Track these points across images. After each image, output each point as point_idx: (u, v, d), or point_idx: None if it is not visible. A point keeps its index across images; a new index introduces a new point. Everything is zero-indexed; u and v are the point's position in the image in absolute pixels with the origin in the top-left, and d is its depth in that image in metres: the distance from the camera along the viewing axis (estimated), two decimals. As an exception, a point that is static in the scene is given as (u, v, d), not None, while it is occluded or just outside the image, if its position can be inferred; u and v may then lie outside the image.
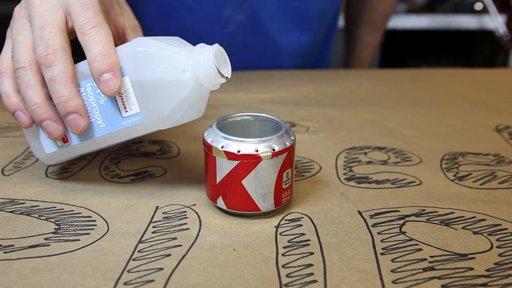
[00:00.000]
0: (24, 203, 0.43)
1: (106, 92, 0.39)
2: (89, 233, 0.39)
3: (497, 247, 0.38)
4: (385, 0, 0.96)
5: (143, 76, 0.39)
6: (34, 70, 0.40)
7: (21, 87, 0.40)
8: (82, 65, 0.41)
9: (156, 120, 0.40)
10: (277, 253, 0.37)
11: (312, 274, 0.34)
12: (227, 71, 0.40)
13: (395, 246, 0.38)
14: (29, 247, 0.37)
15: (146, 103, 0.39)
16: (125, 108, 0.40)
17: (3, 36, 0.46)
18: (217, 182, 0.40)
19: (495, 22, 1.84)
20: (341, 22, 0.95)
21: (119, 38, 0.49)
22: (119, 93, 0.40)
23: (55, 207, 0.43)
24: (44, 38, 0.39)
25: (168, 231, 0.39)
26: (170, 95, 0.39)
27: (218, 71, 0.38)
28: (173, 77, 0.38)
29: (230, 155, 0.38)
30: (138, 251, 0.37)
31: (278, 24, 0.82)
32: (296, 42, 0.85)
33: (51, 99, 0.41)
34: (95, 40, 0.39)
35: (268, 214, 0.42)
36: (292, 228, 0.40)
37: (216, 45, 0.40)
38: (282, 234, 0.39)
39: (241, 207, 0.40)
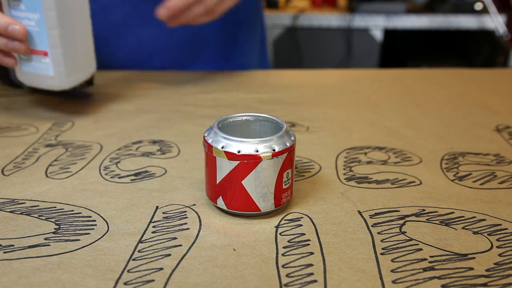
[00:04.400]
0: (24, 203, 0.43)
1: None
2: (89, 233, 0.39)
3: (497, 247, 0.38)
4: None
5: None
6: None
7: None
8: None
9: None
10: (277, 253, 0.37)
11: (312, 274, 0.34)
12: None
13: (395, 246, 0.38)
14: (29, 247, 0.37)
15: None
16: None
17: None
18: (217, 182, 0.40)
19: (495, 22, 1.84)
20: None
21: None
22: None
23: (55, 207, 0.43)
24: None
25: (168, 231, 0.39)
26: None
27: None
28: None
29: (230, 155, 0.38)
30: (138, 251, 0.37)
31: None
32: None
33: None
34: None
35: (268, 214, 0.42)
36: (292, 228, 0.40)
37: None
38: (282, 234, 0.39)
39: (241, 207, 0.40)
